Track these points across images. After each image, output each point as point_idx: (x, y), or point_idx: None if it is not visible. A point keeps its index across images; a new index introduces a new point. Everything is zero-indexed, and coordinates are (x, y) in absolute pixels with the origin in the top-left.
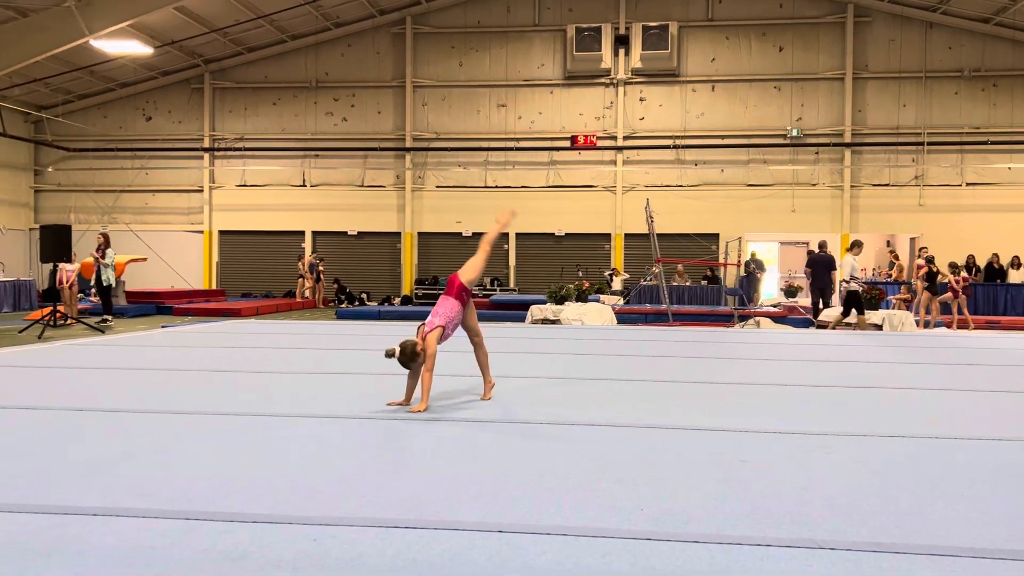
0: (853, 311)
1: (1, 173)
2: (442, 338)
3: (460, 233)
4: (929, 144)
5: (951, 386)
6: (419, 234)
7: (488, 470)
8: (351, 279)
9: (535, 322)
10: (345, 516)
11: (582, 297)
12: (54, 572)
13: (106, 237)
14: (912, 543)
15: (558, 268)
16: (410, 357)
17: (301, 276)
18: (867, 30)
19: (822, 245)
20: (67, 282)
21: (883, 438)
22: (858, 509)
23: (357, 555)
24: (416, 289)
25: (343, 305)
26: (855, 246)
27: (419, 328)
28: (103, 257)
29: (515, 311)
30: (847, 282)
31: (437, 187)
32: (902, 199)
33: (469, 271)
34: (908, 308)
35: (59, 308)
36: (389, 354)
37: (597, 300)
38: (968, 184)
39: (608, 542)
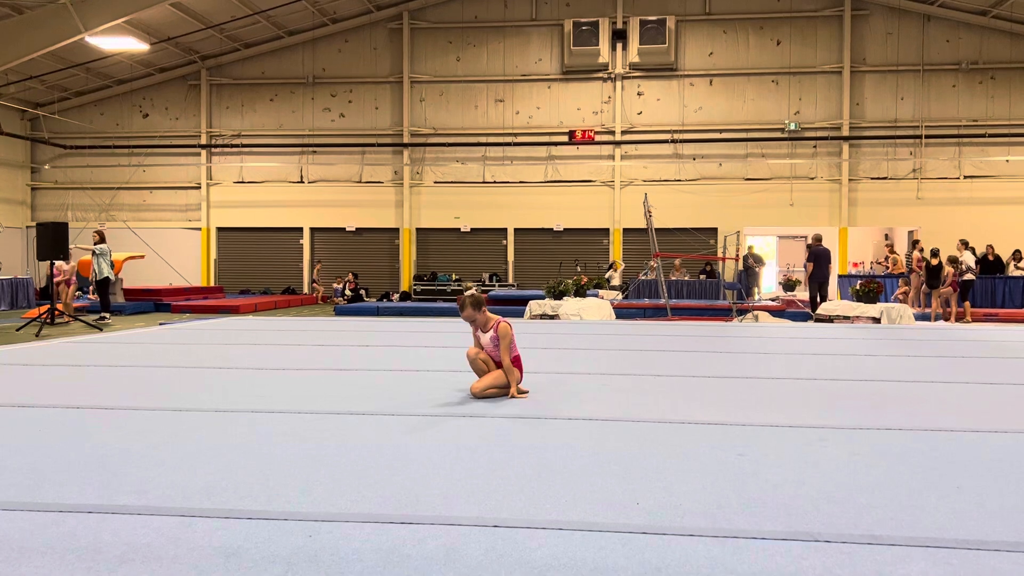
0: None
1: None
2: (504, 347)
3: (458, 229)
4: (927, 137)
5: (947, 379)
6: (417, 230)
7: (483, 465)
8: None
9: (534, 317)
10: (340, 512)
11: (580, 292)
12: (49, 571)
13: (101, 235)
14: (908, 535)
15: (556, 263)
16: (475, 303)
17: (315, 281)
18: (864, 23)
19: (818, 238)
20: (63, 276)
21: (880, 431)
22: (854, 502)
23: (352, 551)
24: (415, 285)
25: (341, 301)
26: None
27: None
28: (96, 248)
29: (514, 306)
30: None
31: (435, 183)
32: (900, 192)
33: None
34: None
35: (57, 306)
36: (466, 289)
37: (596, 295)
38: (966, 177)
39: (603, 536)
